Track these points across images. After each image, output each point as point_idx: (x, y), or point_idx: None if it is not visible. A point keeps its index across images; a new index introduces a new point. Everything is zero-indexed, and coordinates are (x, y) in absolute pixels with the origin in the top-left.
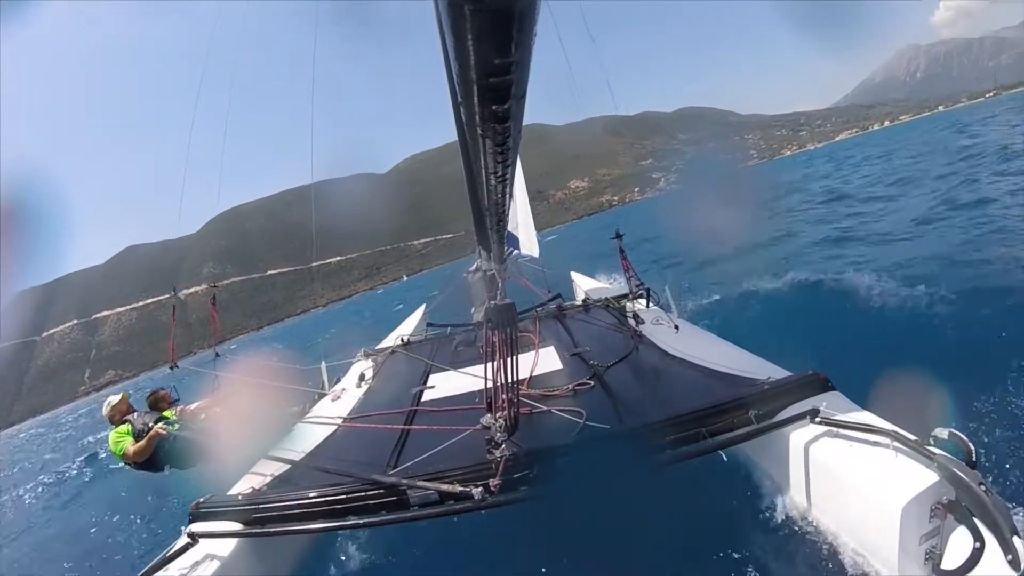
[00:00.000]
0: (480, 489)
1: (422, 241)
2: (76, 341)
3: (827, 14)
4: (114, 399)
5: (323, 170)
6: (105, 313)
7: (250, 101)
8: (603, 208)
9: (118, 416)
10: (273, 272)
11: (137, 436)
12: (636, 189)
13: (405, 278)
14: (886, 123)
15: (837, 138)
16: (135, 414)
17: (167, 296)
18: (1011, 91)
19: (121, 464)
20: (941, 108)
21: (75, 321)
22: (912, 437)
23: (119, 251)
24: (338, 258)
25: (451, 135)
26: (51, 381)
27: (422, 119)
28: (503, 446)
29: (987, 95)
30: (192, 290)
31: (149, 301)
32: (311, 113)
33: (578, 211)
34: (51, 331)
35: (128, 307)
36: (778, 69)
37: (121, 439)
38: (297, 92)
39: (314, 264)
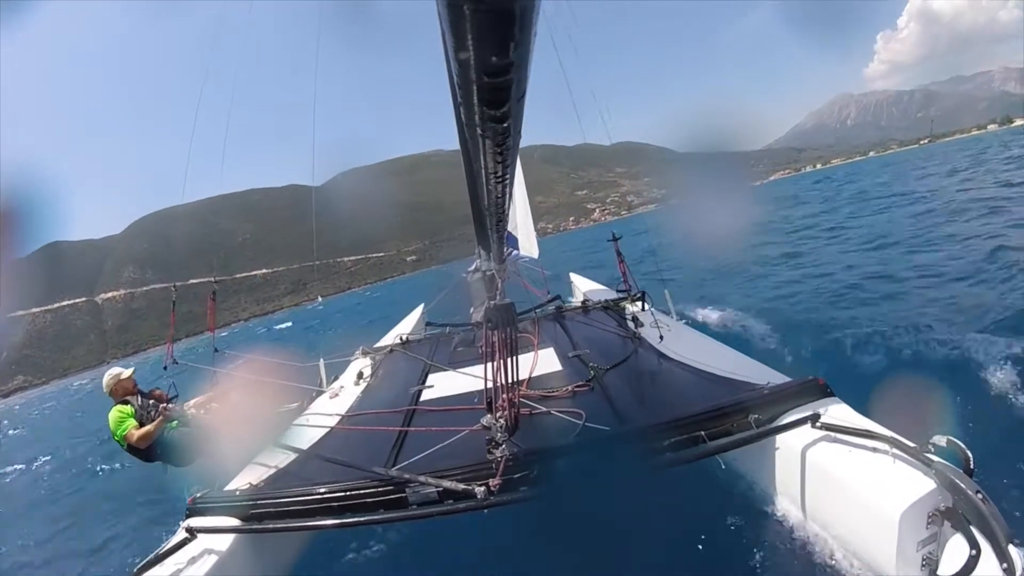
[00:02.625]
0: (479, 488)
1: (352, 259)
2: None
3: (764, 62)
4: (124, 373)
5: (254, 178)
6: (20, 313)
7: (189, 102)
8: (538, 236)
9: (120, 392)
10: (195, 281)
11: (140, 420)
12: (571, 218)
13: (321, 300)
14: (818, 166)
15: (771, 178)
16: (136, 397)
17: (83, 299)
18: (943, 140)
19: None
20: (872, 153)
21: None
22: (911, 444)
23: (40, 247)
24: (264, 271)
25: (392, 151)
26: None
27: (364, 131)
28: (503, 446)
29: (921, 142)
30: (111, 294)
31: (65, 303)
32: (313, 119)
33: None
34: None
35: (43, 308)
36: (713, 110)
37: (124, 420)
38: (244, 92)
39: (234, 276)
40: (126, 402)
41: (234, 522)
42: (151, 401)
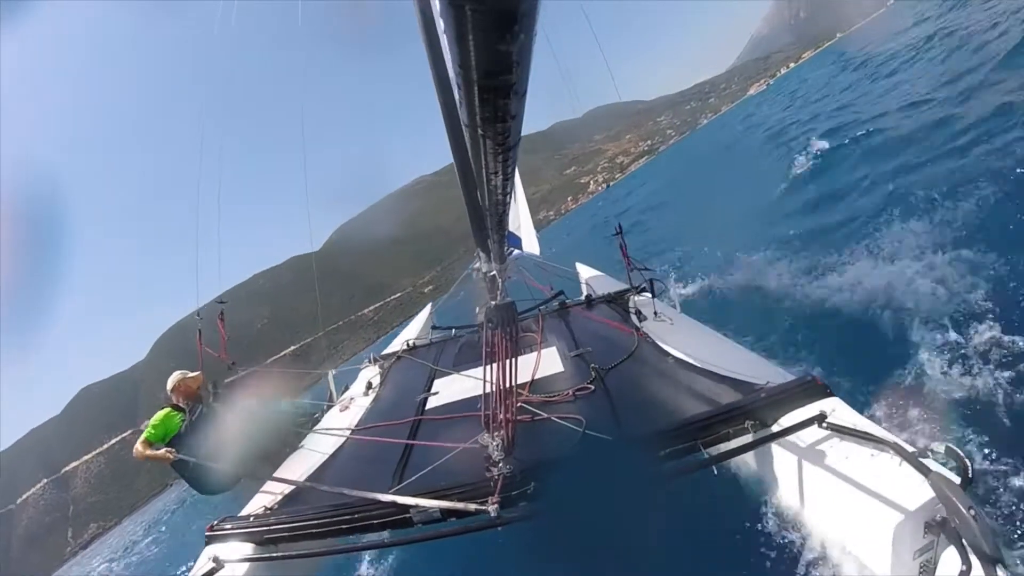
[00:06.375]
0: (479, 508)
1: (371, 308)
2: (51, 501)
3: None
4: (192, 377)
5: (253, 264)
6: (73, 464)
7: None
8: (542, 225)
9: (182, 392)
10: (228, 380)
11: (182, 431)
12: (569, 198)
13: (334, 373)
14: (791, 65)
15: (749, 92)
16: (196, 405)
17: (129, 432)
18: None
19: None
20: (839, 35)
21: (45, 480)
22: (910, 449)
23: (74, 395)
24: (292, 348)
25: (376, 194)
26: (35, 549)
27: (344, 181)
28: (500, 464)
29: (888, 3)
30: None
31: (114, 442)
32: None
33: None
34: (24, 496)
35: (94, 453)
36: (666, 51)
37: (158, 425)
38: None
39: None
40: (180, 409)
41: (251, 548)
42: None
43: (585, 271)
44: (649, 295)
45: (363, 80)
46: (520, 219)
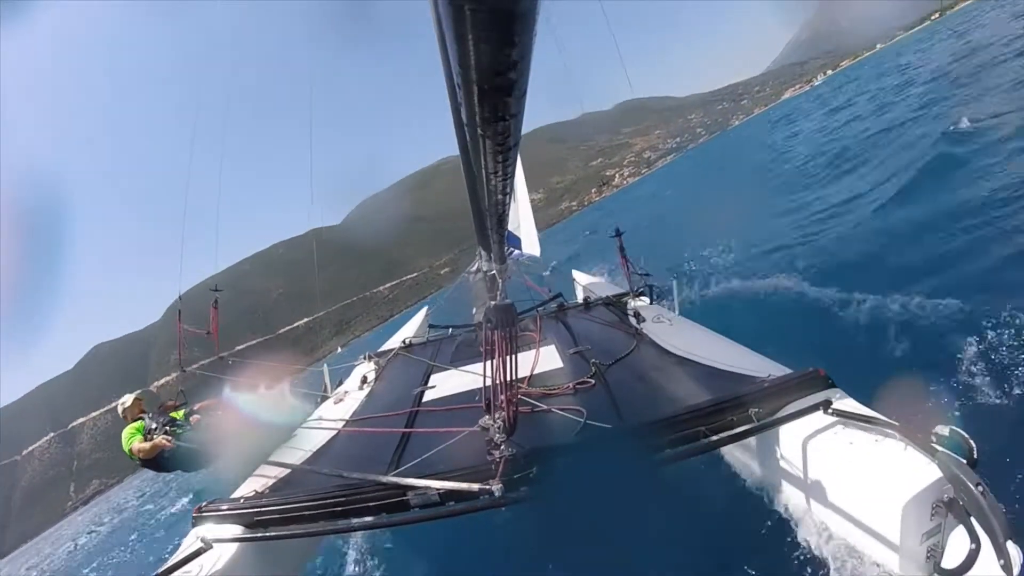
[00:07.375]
0: (480, 489)
1: (387, 286)
2: (56, 455)
3: None
4: (128, 399)
5: (273, 235)
6: (80, 420)
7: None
8: (564, 216)
9: (130, 416)
10: (241, 347)
11: (147, 435)
12: (593, 190)
13: (341, 350)
14: (828, 72)
15: (783, 97)
16: (148, 414)
17: (139, 391)
18: (956, 8)
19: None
20: (880, 46)
21: (52, 434)
22: (916, 433)
23: (86, 352)
24: (305, 320)
25: (401, 171)
26: (37, 502)
27: (369, 158)
28: (502, 447)
29: (932, 17)
30: (163, 381)
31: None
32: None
33: (539, 223)
34: (30, 448)
35: (102, 410)
36: (704, 47)
37: (132, 436)
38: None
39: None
40: (139, 419)
41: (241, 529)
42: (162, 420)
43: (582, 278)
44: (647, 299)
45: (393, 60)
46: (520, 219)
